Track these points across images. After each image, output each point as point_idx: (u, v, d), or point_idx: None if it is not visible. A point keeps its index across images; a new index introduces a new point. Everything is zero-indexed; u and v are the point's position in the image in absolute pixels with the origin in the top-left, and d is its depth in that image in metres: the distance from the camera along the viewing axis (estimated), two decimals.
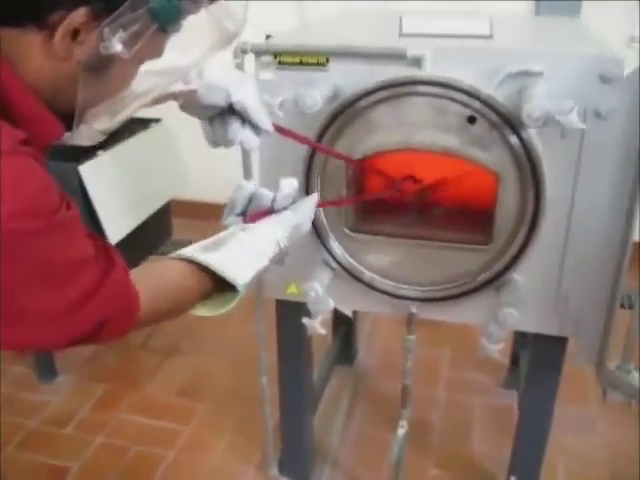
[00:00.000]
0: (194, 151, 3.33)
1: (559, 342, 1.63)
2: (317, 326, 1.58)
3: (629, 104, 1.33)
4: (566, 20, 2.02)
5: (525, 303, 1.52)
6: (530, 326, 1.60)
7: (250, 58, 1.51)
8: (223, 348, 2.79)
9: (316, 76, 1.46)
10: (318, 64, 1.46)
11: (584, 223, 1.46)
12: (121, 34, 0.81)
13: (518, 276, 1.52)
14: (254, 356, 1.94)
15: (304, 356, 1.92)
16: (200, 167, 3.28)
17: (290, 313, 1.77)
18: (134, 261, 1.02)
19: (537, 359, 1.74)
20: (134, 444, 2.31)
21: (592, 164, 1.41)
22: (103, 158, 2.25)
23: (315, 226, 1.56)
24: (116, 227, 2.25)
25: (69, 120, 0.91)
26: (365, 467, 2.17)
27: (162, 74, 1.02)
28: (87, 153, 2.24)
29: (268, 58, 1.49)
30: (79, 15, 0.78)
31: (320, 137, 1.46)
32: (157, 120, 2.65)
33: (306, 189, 1.52)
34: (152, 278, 1.00)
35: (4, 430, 2.31)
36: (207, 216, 3.74)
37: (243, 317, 1.62)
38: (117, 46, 0.81)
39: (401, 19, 1.60)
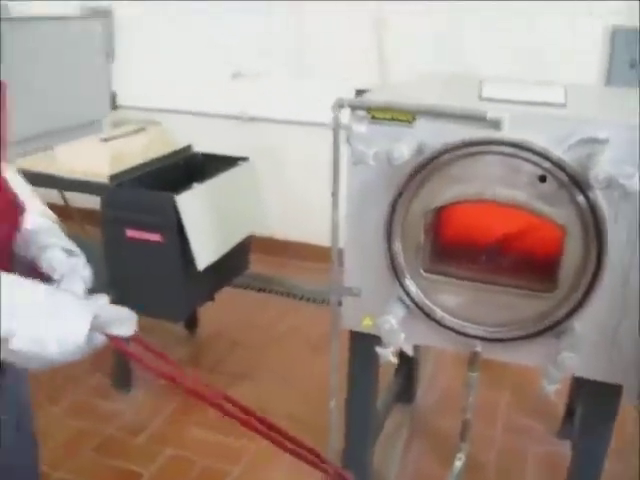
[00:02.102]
0: (276, 191, 3.59)
1: (613, 389, 1.74)
2: (390, 355, 1.73)
3: None
4: (633, 92, 2.15)
5: (582, 349, 1.65)
6: (586, 372, 1.72)
7: (345, 112, 1.71)
8: (291, 377, 2.95)
9: (404, 131, 1.64)
10: (406, 121, 1.64)
11: None
12: None
13: (578, 324, 1.65)
14: (321, 386, 2.09)
15: (372, 386, 2.07)
16: (279, 206, 3.52)
17: (362, 344, 1.93)
18: (213, 289, 1.15)
19: (591, 404, 1.85)
20: (201, 458, 2.46)
21: None
22: (197, 190, 2.48)
23: (393, 265, 1.73)
24: (205, 254, 2.46)
25: None
26: None
27: None
28: (184, 185, 2.47)
29: (363, 113, 1.68)
30: None
31: (404, 186, 1.64)
32: (245, 159, 2.88)
33: (389, 232, 1.69)
34: None
35: (81, 434, 2.51)
36: (283, 253, 3.98)
37: (311, 349, 1.78)
38: None
39: (481, 84, 1.78)
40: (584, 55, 3.25)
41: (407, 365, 2.70)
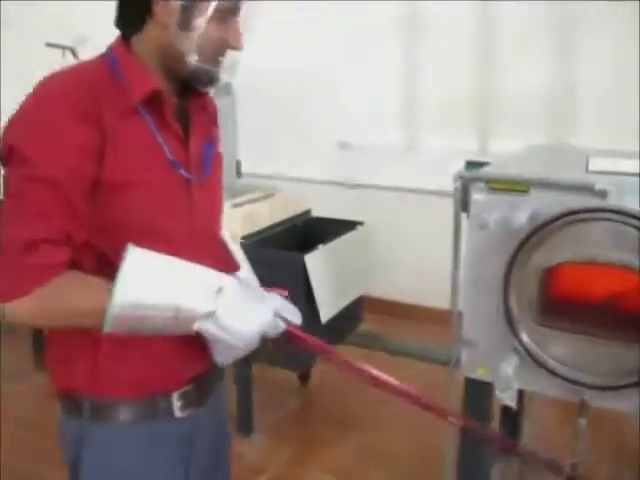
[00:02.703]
0: (391, 251, 3.84)
1: None
2: (507, 398, 1.93)
3: None
4: None
5: None
6: None
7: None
8: (408, 427, 3.13)
9: (519, 199, 1.87)
10: (522, 191, 1.87)
11: None
12: None
13: None
14: (436, 436, 2.27)
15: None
16: (393, 266, 3.77)
17: (476, 389, 2.14)
18: (331, 343, 1.34)
19: None
20: None
21: None
22: (322, 251, 2.77)
23: (508, 319, 1.94)
24: (327, 308, 2.73)
25: (196, 77, 1.25)
26: None
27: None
28: (311, 244, 2.77)
29: (481, 184, 1.93)
30: None
31: (520, 248, 1.86)
32: (361, 223, 3.17)
33: (505, 288, 1.91)
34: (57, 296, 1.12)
35: None
36: (397, 314, 4.19)
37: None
38: None
39: (588, 158, 2.00)
40: None
41: (510, 418, 2.85)
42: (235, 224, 2.90)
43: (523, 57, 3.75)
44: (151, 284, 1.11)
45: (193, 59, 1.20)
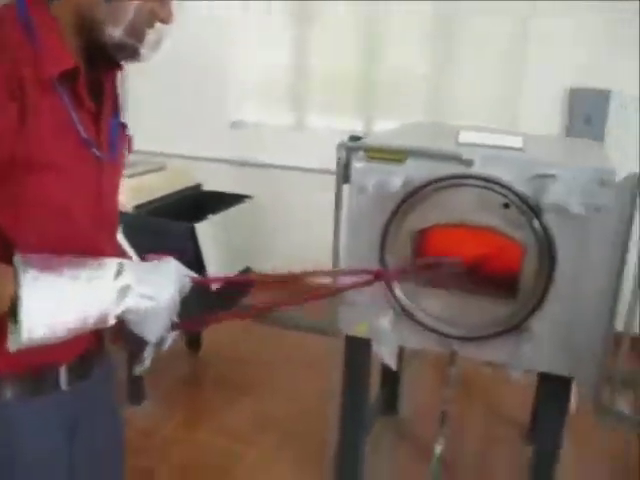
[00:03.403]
0: (279, 225, 3.95)
1: (566, 382, 2.11)
2: (384, 352, 2.10)
3: (621, 202, 1.89)
4: (586, 142, 2.60)
5: (540, 346, 2.03)
6: (544, 366, 2.10)
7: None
8: (294, 391, 3.28)
9: (395, 168, 2.04)
10: (398, 160, 2.04)
11: (587, 285, 1.98)
12: None
13: (535, 324, 2.03)
14: (320, 400, 2.41)
15: (364, 387, 2.42)
16: (280, 241, 3.88)
17: (357, 348, 2.30)
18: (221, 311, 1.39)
19: (547, 397, 2.23)
20: (210, 459, 2.78)
21: (593, 242, 1.95)
22: (212, 220, 2.86)
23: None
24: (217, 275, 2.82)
25: (119, 48, 1.18)
26: None
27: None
28: (201, 216, 2.86)
29: (361, 153, 2.08)
30: None
31: (395, 211, 2.03)
32: (250, 197, 3.28)
33: (382, 248, 2.08)
34: None
35: None
36: (284, 285, 4.28)
37: (312, 368, 2.05)
38: None
39: (458, 132, 2.20)
40: (548, 112, 3.73)
41: (391, 379, 3.05)
42: (125, 195, 2.94)
43: (407, 40, 3.95)
44: (54, 309, 1.04)
45: (118, 32, 1.13)
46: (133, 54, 1.19)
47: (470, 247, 2.12)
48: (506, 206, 1.97)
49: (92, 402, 1.35)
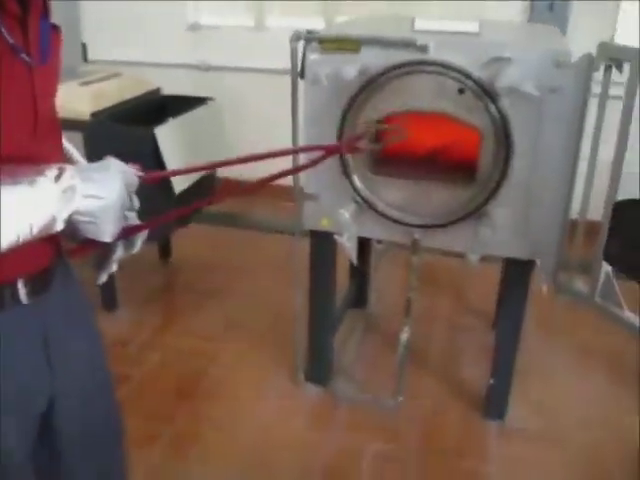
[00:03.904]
0: (240, 127, 3.90)
1: (526, 264, 2.16)
2: (345, 241, 2.12)
3: (575, 83, 1.88)
4: (543, 27, 2.56)
5: (498, 231, 2.06)
6: (502, 250, 2.14)
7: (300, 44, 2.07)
8: (261, 293, 3.33)
9: (350, 58, 2.01)
10: (352, 49, 2.00)
11: (543, 169, 2.00)
12: None
13: (494, 209, 2.06)
14: (287, 300, 2.44)
15: (331, 279, 2.46)
16: (242, 146, 3.84)
17: (321, 243, 2.32)
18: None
19: (509, 281, 2.28)
20: (184, 360, 2.83)
21: (549, 126, 1.96)
22: (172, 124, 2.82)
23: (344, 168, 2.11)
24: (180, 180, 2.80)
25: None
26: (373, 377, 2.70)
27: None
28: (160, 120, 2.81)
29: (315, 44, 2.04)
30: None
31: (352, 101, 2.01)
32: (211, 99, 3.22)
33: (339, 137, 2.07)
34: None
35: None
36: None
37: (275, 272, 2.05)
38: None
39: (413, 20, 2.16)
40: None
41: (359, 275, 3.10)
42: (83, 102, 2.88)
43: None
44: None
45: None
46: None
47: (428, 135, 2.12)
48: (461, 91, 1.96)
49: (58, 315, 1.32)
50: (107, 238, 1.13)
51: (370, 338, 3.00)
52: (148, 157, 2.77)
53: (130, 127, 2.82)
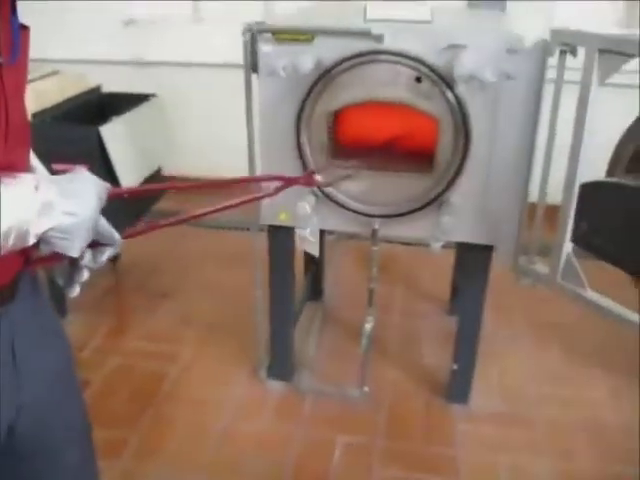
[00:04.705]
0: (184, 122, 3.83)
1: (485, 250, 2.18)
2: (307, 235, 2.10)
3: (530, 69, 1.90)
4: (491, 12, 2.58)
5: (459, 217, 2.07)
6: (463, 237, 2.16)
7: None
8: (216, 289, 3.28)
9: (304, 49, 1.98)
10: (306, 40, 1.98)
11: (500, 155, 2.02)
12: None
13: (453, 196, 2.07)
14: (243, 295, 2.41)
15: (290, 273, 2.44)
16: (189, 143, 3.77)
17: (280, 236, 2.30)
18: (134, 216, 1.27)
19: (468, 266, 2.30)
20: (143, 363, 2.77)
21: (506, 112, 1.97)
22: (117, 122, 2.75)
23: (302, 160, 2.09)
24: (128, 180, 2.73)
25: None
26: (335, 369, 2.70)
27: None
28: (104, 119, 2.73)
29: (268, 35, 2.01)
30: None
31: (308, 93, 1.99)
32: (154, 95, 3.15)
33: (297, 133, 2.05)
34: None
35: None
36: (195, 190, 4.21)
37: (227, 268, 2.00)
38: None
39: (365, 8, 2.14)
40: None
41: (314, 267, 3.09)
42: None
43: None
44: None
45: None
46: None
47: (386, 125, 2.11)
48: (418, 80, 1.96)
49: (26, 324, 1.27)
50: (75, 253, 1.08)
51: (329, 329, 2.99)
52: (94, 157, 2.69)
53: (75, 127, 2.74)
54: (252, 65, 2.08)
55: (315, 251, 2.26)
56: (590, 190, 1.66)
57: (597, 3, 3.50)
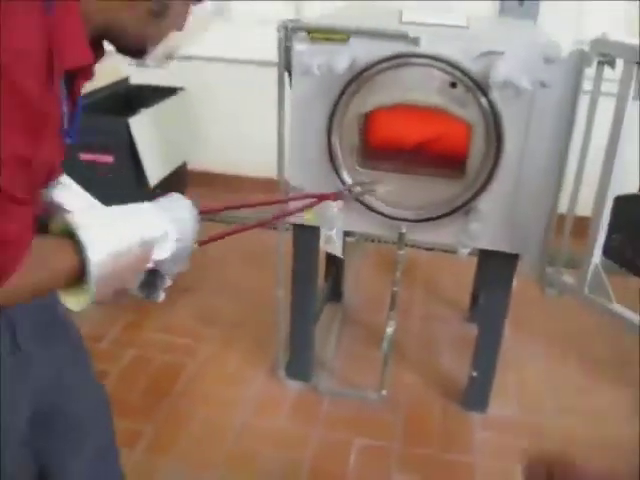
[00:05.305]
0: (211, 117, 3.83)
1: (511, 258, 2.17)
2: (333, 235, 2.10)
3: (565, 78, 1.89)
4: (523, 21, 2.58)
5: (487, 225, 2.06)
6: (491, 244, 2.14)
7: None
8: (236, 287, 3.28)
9: (339, 49, 1.98)
10: (341, 40, 1.97)
11: (532, 164, 2.00)
12: None
13: (482, 204, 2.06)
14: (263, 293, 2.40)
15: (313, 273, 2.43)
16: (215, 138, 3.77)
17: (305, 236, 2.29)
18: None
19: (493, 274, 2.29)
20: (160, 356, 2.78)
21: (539, 121, 1.96)
22: (145, 114, 2.75)
23: (332, 161, 2.08)
24: (155, 172, 2.75)
25: (135, 52, 1.15)
26: (354, 371, 2.69)
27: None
28: (133, 111, 2.74)
29: (303, 34, 2.01)
30: None
31: (342, 93, 1.98)
32: (182, 89, 3.16)
33: (329, 133, 2.04)
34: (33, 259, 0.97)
35: None
36: (218, 184, 4.22)
37: (251, 266, 2.01)
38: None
39: (401, 12, 2.14)
40: None
41: (335, 269, 3.08)
42: None
43: None
44: (110, 229, 1.05)
45: (149, 43, 1.13)
46: (142, 56, 1.16)
47: (418, 128, 2.10)
48: (453, 85, 1.95)
49: (25, 317, 1.29)
50: (172, 275, 1.23)
51: (348, 331, 2.98)
52: (122, 148, 2.71)
53: (104, 117, 2.75)
54: (285, 63, 2.08)
55: (339, 252, 2.26)
56: (625, 203, 1.64)
57: (629, 16, 3.47)
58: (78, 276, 1.01)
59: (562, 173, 2.01)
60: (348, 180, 2.11)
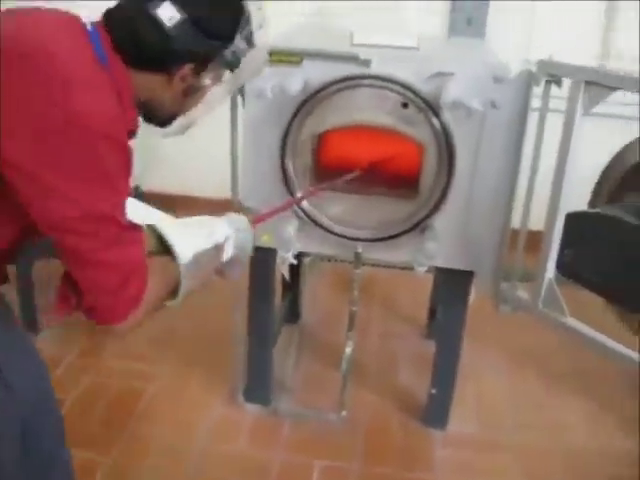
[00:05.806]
0: (167, 142, 3.79)
1: (466, 275, 2.19)
2: (290, 257, 2.09)
3: (515, 98, 1.92)
4: (473, 41, 2.62)
5: (442, 243, 2.08)
6: (446, 262, 2.16)
7: None
8: (192, 309, 3.21)
9: (292, 71, 1.98)
10: (295, 62, 1.98)
11: (483, 183, 2.03)
12: (210, 75, 1.31)
13: (437, 222, 2.08)
14: (220, 316, 2.40)
15: (270, 294, 2.42)
16: (170, 160, 3.73)
17: (261, 258, 2.28)
18: None
19: (449, 290, 2.31)
20: (117, 382, 2.72)
21: (490, 140, 1.99)
22: None
23: (286, 182, 2.08)
24: None
25: (163, 123, 1.40)
26: (313, 393, 2.67)
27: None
28: None
29: None
30: (188, 67, 1.26)
31: (295, 115, 1.99)
32: None
33: (282, 155, 2.04)
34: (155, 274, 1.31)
35: None
36: (175, 206, 4.15)
37: (207, 286, 2.01)
38: (207, 82, 1.32)
39: (352, 34, 2.16)
40: (432, 13, 3.72)
41: (291, 291, 3.07)
42: None
43: None
44: (189, 234, 1.38)
45: (177, 116, 1.38)
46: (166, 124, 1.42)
47: (370, 149, 2.12)
48: (405, 105, 1.97)
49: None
50: (234, 279, 1.62)
51: (306, 352, 2.97)
52: None
53: None
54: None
55: (286, 273, 2.27)
56: (575, 219, 1.67)
57: (574, 35, 3.55)
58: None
59: (513, 191, 2.04)
60: (303, 203, 2.11)
